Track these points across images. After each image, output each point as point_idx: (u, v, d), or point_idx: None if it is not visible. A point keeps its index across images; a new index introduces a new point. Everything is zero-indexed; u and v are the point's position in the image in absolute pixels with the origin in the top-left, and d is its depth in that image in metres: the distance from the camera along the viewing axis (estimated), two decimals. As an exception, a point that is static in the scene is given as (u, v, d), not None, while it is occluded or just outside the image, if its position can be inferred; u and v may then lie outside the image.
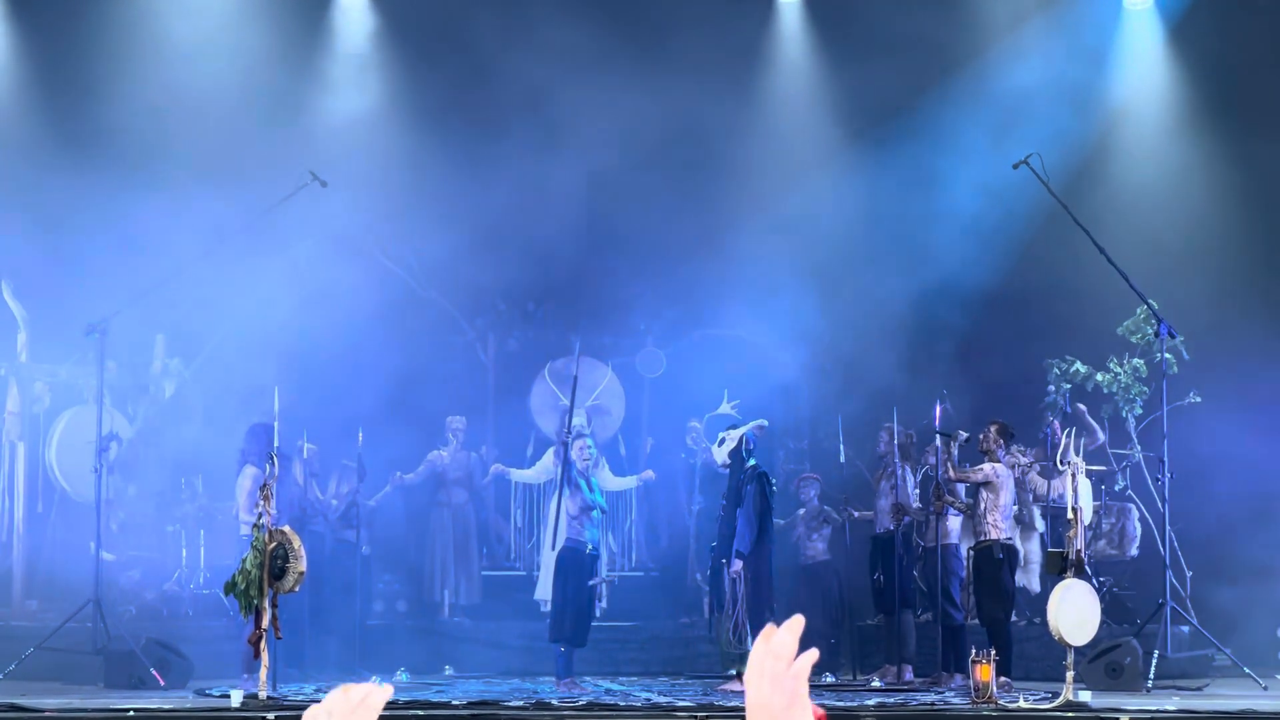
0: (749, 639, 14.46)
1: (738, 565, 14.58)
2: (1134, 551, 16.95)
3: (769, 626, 3.53)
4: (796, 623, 3.49)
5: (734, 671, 14.75)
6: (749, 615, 14.54)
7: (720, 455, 15.07)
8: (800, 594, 16.52)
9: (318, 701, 3.81)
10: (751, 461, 14.85)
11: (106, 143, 17.31)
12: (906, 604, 15.98)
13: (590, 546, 15.32)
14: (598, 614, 16.70)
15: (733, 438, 14.95)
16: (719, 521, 15.08)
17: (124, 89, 17.37)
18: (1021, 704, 12.74)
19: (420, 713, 12.59)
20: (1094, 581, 16.22)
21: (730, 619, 14.66)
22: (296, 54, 18.13)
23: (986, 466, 15.02)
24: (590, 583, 15.37)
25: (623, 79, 17.83)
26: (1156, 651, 14.62)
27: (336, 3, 18.97)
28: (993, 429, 15.29)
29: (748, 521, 14.60)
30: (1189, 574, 16.21)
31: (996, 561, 14.99)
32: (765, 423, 15.38)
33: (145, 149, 17.37)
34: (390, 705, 12.97)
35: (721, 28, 18.68)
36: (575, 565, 15.24)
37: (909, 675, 15.72)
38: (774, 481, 15.16)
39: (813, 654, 3.50)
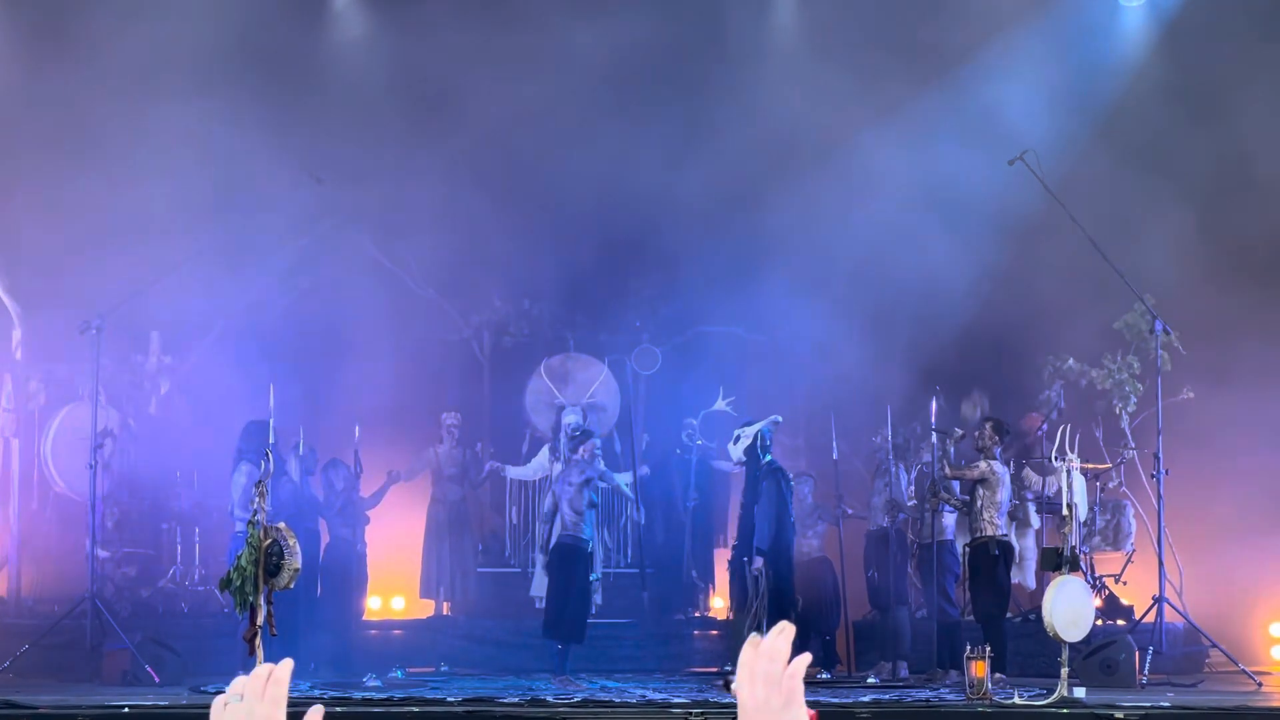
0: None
1: (759, 562, 14.56)
2: (1129, 548, 16.98)
3: (754, 635, 3.59)
4: (787, 629, 3.54)
5: (725, 664, 14.77)
6: (772, 611, 14.55)
7: (736, 452, 15.06)
8: (795, 591, 16.52)
9: (313, 699, 3.83)
10: (768, 458, 14.83)
11: (100, 139, 17.28)
12: (901, 601, 16.01)
13: (590, 544, 15.35)
14: (593, 610, 16.70)
15: (748, 434, 14.95)
16: (739, 520, 15.06)
17: (118, 85, 17.34)
18: (1016, 700, 12.75)
19: (416, 709, 12.60)
20: (1089, 578, 16.27)
21: (750, 615, 14.66)
22: (292, 48, 18.11)
23: (983, 464, 15.05)
24: (592, 578, 15.41)
25: (617, 75, 17.84)
26: (1151, 648, 14.64)
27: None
28: (988, 426, 15.33)
29: (766, 518, 14.59)
30: (1183, 570, 16.24)
31: (992, 558, 15.03)
32: (780, 419, 15.37)
33: (140, 147, 17.34)
34: (386, 702, 12.99)
35: (715, 21, 18.66)
36: (575, 561, 15.24)
37: (904, 672, 15.74)
38: (791, 477, 15.12)
39: (807, 657, 3.55)
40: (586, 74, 17.96)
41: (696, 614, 18.27)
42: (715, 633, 17.70)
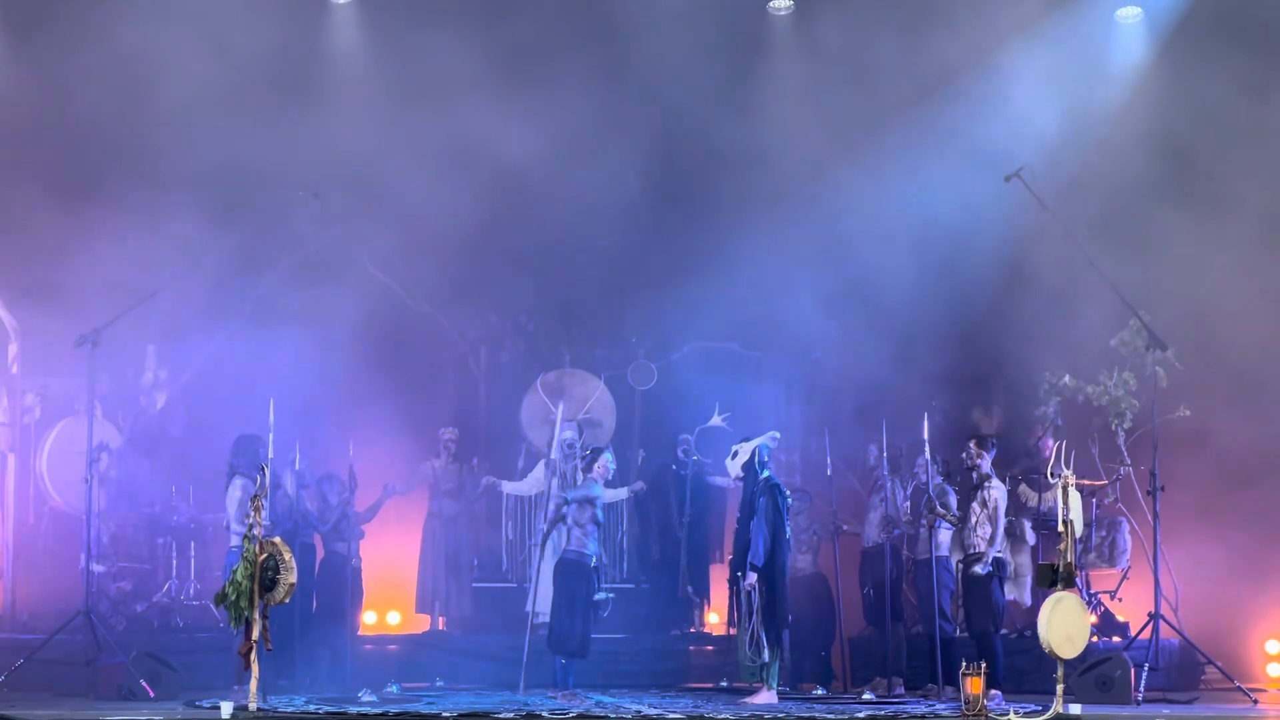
0: (765, 650, 14.52)
1: (752, 578, 14.57)
2: (1124, 564, 16.98)
3: None
4: None
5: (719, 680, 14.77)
6: (765, 626, 14.55)
7: (734, 468, 15.04)
8: (789, 607, 16.52)
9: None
10: (765, 474, 14.82)
11: (97, 152, 17.29)
12: (897, 617, 16.00)
13: (595, 559, 15.37)
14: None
15: (745, 450, 14.94)
16: (735, 535, 15.06)
17: (114, 97, 17.34)
18: (1012, 717, 12.75)
19: (411, 724, 12.60)
20: (1085, 594, 16.26)
21: (747, 631, 14.67)
22: (288, 66, 18.12)
23: (996, 492, 15.13)
24: (597, 597, 15.40)
25: (613, 93, 17.86)
26: (1147, 665, 14.64)
27: (327, 14, 18.97)
28: (972, 444, 15.39)
29: (761, 534, 14.57)
30: (1179, 587, 16.23)
31: (987, 574, 15.05)
32: (778, 435, 15.36)
33: (137, 159, 17.35)
34: (381, 717, 12.95)
35: (713, 39, 18.67)
36: (580, 576, 15.24)
37: (899, 688, 15.75)
38: (788, 493, 15.10)
39: None
40: (584, 89, 17.98)
41: (692, 629, 18.27)
42: (710, 648, 17.69)
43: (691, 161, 18.46)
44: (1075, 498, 15.43)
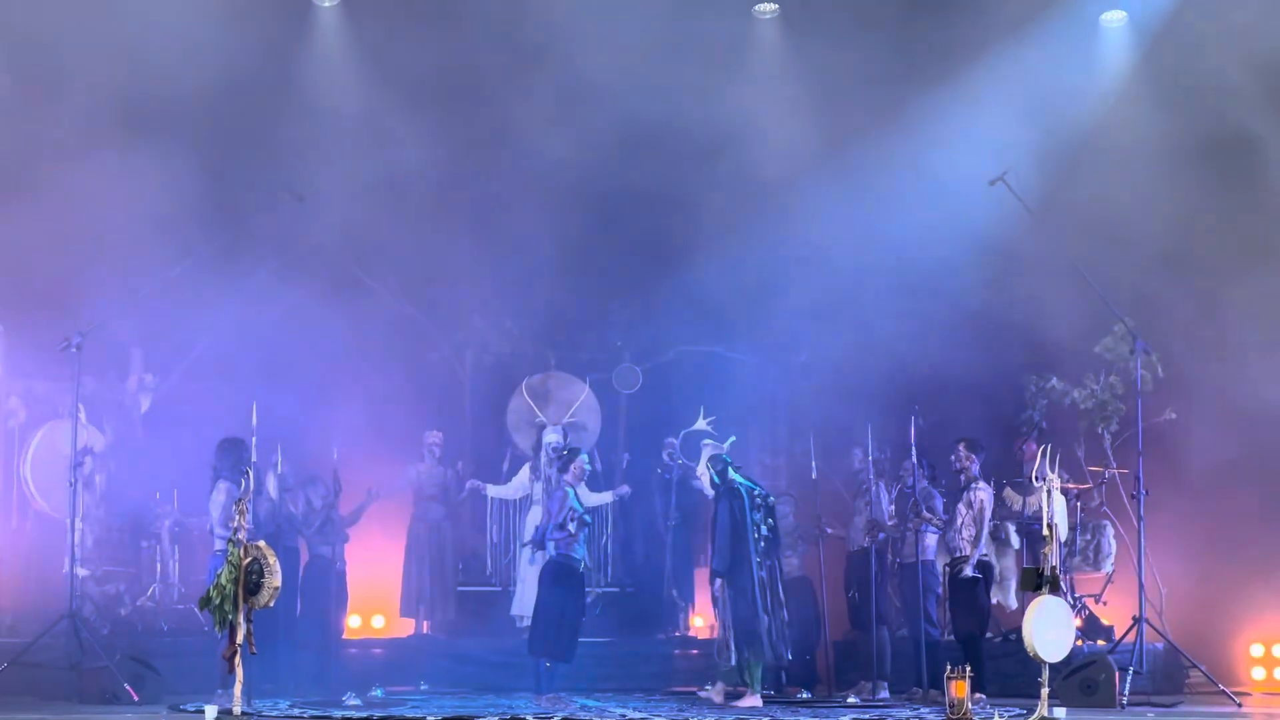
0: (732, 654, 14.57)
1: (717, 584, 14.67)
2: (1109, 568, 17.00)
3: None
4: None
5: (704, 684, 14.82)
6: (735, 629, 14.60)
7: (707, 489, 15.23)
8: (762, 610, 16.51)
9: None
10: (734, 476, 14.89)
11: (83, 155, 17.25)
12: (882, 620, 16.01)
13: (584, 564, 15.37)
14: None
15: (702, 468, 15.17)
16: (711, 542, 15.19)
17: (100, 99, 17.31)
18: (996, 720, 12.79)
19: (395, 729, 12.59)
20: (1069, 598, 16.28)
21: (720, 637, 14.80)
22: (273, 66, 18.10)
23: (983, 494, 15.15)
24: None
25: (597, 96, 17.84)
26: (1131, 668, 14.66)
27: (315, 16, 18.95)
28: (961, 446, 15.41)
29: (719, 540, 14.67)
30: (1163, 590, 16.26)
31: (972, 578, 15.07)
32: (712, 441, 15.46)
33: (127, 161, 17.31)
34: (365, 721, 12.80)
35: (699, 42, 18.67)
36: (568, 579, 15.25)
37: (884, 692, 15.76)
38: (758, 492, 15.07)
39: None
40: (570, 91, 17.96)
41: (677, 633, 18.27)
42: (695, 652, 17.69)
43: (678, 165, 18.43)
44: (1060, 501, 15.45)
